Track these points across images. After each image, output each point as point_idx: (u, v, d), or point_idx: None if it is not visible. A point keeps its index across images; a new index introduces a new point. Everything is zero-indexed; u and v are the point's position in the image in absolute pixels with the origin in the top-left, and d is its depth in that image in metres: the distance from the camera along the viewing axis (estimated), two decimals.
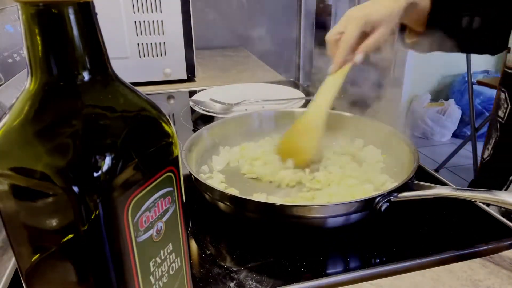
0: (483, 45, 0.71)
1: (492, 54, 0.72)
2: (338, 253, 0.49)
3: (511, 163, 0.61)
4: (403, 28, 0.71)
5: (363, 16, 0.58)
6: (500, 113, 0.63)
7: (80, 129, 0.23)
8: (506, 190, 0.62)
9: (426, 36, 0.67)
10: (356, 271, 0.45)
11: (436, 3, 0.63)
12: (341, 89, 0.64)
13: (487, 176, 0.68)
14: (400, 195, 0.50)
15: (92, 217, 0.23)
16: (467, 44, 0.70)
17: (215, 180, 0.62)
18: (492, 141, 0.66)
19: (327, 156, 0.68)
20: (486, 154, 0.67)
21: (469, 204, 0.57)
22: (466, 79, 2.39)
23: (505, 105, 0.62)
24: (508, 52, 0.63)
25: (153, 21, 1.18)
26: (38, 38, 0.23)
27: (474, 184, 0.74)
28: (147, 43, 1.20)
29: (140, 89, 0.28)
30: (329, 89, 0.62)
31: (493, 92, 2.45)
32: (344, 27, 0.59)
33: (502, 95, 0.63)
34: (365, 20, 0.58)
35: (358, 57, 0.59)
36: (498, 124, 0.64)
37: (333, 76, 0.62)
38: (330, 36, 0.62)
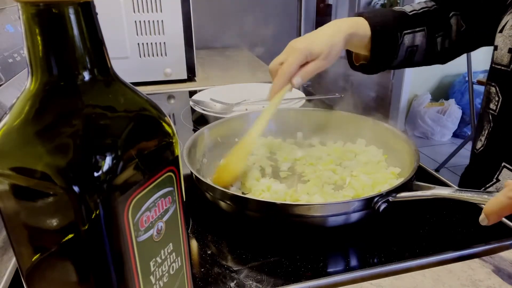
0: (428, 57, 0.77)
1: (443, 63, 0.81)
2: (338, 253, 0.49)
3: (503, 151, 0.65)
4: (350, 52, 0.77)
5: (305, 48, 0.62)
6: (492, 106, 0.67)
7: (81, 129, 0.23)
8: (498, 174, 0.65)
9: (371, 59, 0.72)
10: (357, 271, 0.45)
11: (375, 28, 0.69)
12: (341, 90, 0.64)
13: (480, 164, 0.71)
14: (398, 195, 0.50)
15: (93, 217, 0.23)
16: (411, 60, 0.76)
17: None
18: (485, 133, 0.69)
19: (336, 155, 0.69)
20: (479, 145, 0.71)
21: (469, 204, 0.57)
22: (467, 78, 2.40)
23: (496, 98, 0.66)
24: (495, 49, 0.66)
25: (153, 21, 1.18)
26: (39, 38, 0.23)
27: (468, 174, 0.77)
28: (147, 43, 1.20)
29: (140, 89, 0.28)
30: (263, 116, 0.63)
31: None
32: (286, 58, 0.63)
33: (493, 89, 0.67)
34: (305, 53, 0.61)
35: (296, 80, 0.62)
36: (490, 116, 0.67)
37: (270, 102, 0.63)
38: (272, 65, 0.65)
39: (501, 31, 0.65)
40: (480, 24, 0.73)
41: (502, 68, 0.64)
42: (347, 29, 0.66)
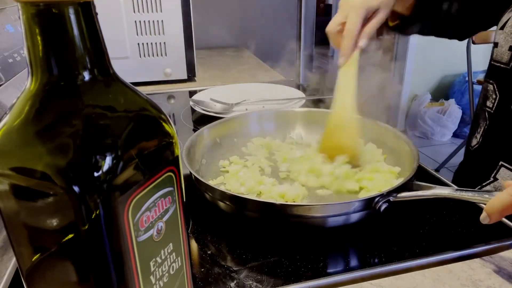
0: (456, 29, 0.76)
1: (460, 39, 0.79)
2: (338, 253, 0.49)
3: (500, 149, 0.65)
4: None
5: (362, 4, 0.59)
6: (489, 104, 0.67)
7: (81, 129, 0.23)
8: (496, 173, 0.65)
9: (407, 20, 0.70)
10: (357, 271, 0.45)
11: None
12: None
13: (475, 162, 0.71)
14: (399, 195, 0.50)
15: (93, 217, 0.23)
16: (443, 28, 0.75)
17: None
18: (481, 130, 0.69)
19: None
20: (474, 142, 0.71)
21: (470, 204, 0.57)
22: (467, 78, 2.39)
23: (494, 96, 0.65)
24: (496, 47, 0.66)
25: (153, 21, 1.18)
26: (39, 38, 0.23)
27: (463, 170, 0.77)
28: (147, 43, 1.20)
29: (140, 89, 0.28)
30: (346, 81, 0.62)
31: None
32: (345, 17, 0.60)
33: (490, 87, 0.66)
34: (365, 8, 0.59)
35: (363, 41, 0.60)
36: (486, 114, 0.67)
37: (345, 68, 0.62)
38: (331, 27, 0.62)
39: (502, 28, 0.64)
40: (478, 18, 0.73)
41: (502, 65, 0.63)
42: None
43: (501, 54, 0.64)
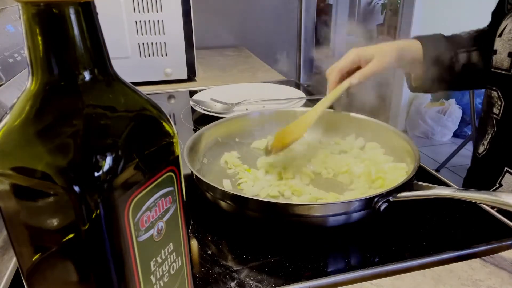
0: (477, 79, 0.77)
1: (479, 88, 0.81)
2: (338, 253, 0.49)
3: (506, 155, 0.66)
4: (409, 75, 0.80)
5: (358, 51, 0.68)
6: (495, 110, 0.68)
7: (81, 128, 0.23)
8: (501, 179, 0.65)
9: (426, 78, 0.74)
10: (357, 271, 0.45)
11: (427, 43, 0.72)
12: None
13: (483, 168, 0.72)
14: (399, 195, 0.50)
15: (93, 217, 0.23)
16: (470, 79, 0.77)
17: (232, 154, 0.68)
18: (488, 137, 0.69)
19: (334, 154, 0.69)
20: (482, 149, 0.71)
21: (470, 204, 0.57)
22: None
23: (499, 103, 0.66)
24: (494, 54, 0.67)
25: (153, 21, 1.18)
26: (39, 38, 0.23)
27: (471, 177, 0.77)
28: (147, 43, 1.20)
29: (140, 88, 0.28)
30: (321, 104, 0.68)
31: None
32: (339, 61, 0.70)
33: (494, 94, 0.67)
34: (358, 54, 0.68)
35: (353, 79, 0.67)
36: (494, 121, 0.68)
37: (326, 96, 0.69)
38: (329, 69, 0.71)
39: (500, 35, 0.65)
40: None
41: (503, 72, 0.64)
42: (398, 44, 0.71)
43: (501, 60, 0.65)
